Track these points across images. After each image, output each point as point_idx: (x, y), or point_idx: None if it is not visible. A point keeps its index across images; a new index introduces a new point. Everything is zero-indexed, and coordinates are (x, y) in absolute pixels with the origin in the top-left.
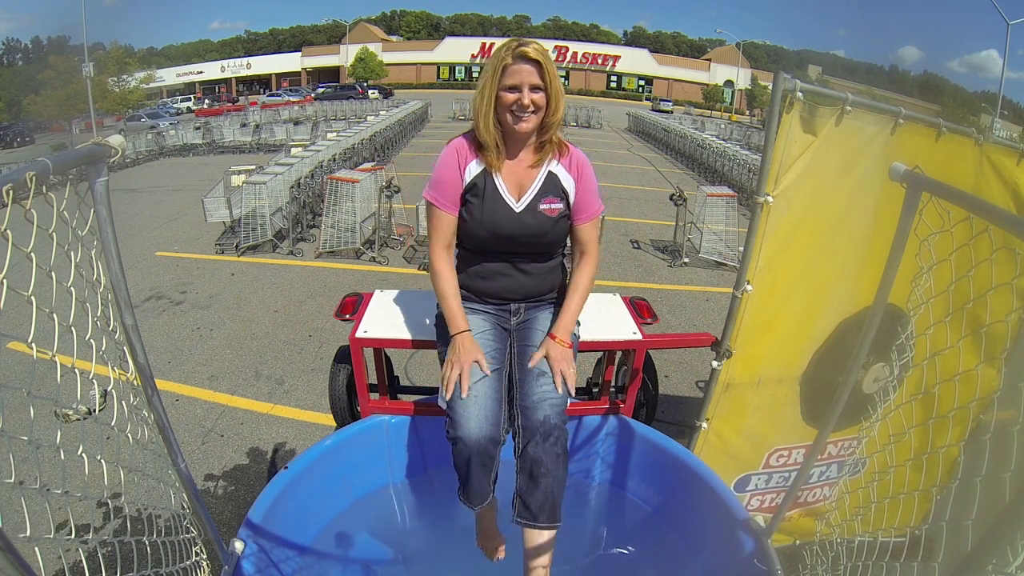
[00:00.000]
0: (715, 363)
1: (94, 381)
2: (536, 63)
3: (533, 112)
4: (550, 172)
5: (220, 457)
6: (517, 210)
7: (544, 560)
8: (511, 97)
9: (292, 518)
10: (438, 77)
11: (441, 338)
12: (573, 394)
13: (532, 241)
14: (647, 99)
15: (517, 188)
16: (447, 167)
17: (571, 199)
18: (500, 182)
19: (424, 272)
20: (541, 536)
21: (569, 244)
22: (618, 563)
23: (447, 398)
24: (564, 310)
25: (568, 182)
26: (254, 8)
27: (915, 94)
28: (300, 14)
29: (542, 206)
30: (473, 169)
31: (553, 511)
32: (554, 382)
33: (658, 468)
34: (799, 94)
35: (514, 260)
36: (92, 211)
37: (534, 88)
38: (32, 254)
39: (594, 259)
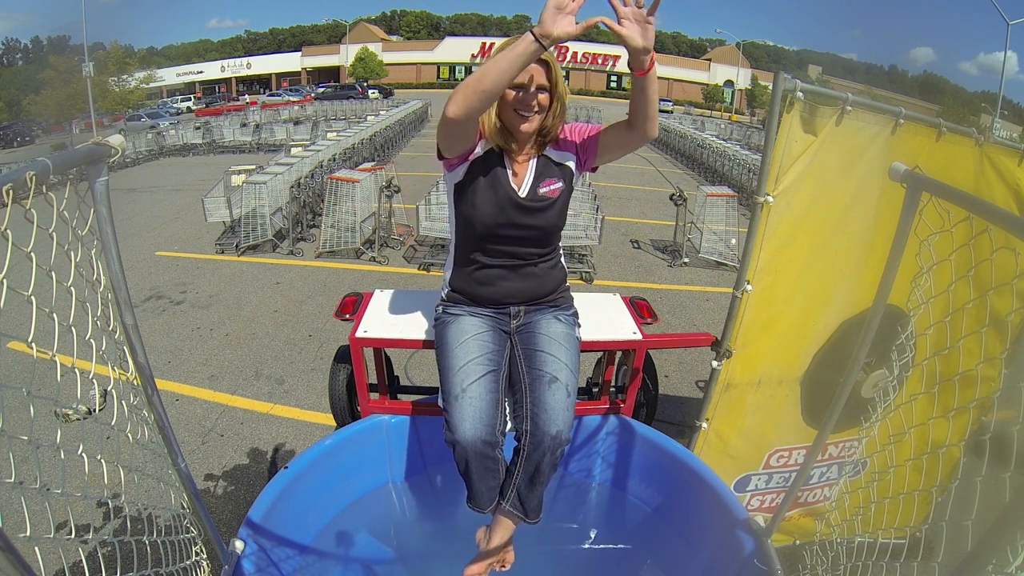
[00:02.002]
0: (715, 363)
1: (94, 381)
2: (545, 63)
3: (537, 112)
4: (540, 156)
5: (220, 457)
6: (522, 195)
7: (510, 539)
8: (514, 95)
9: (292, 518)
10: (438, 77)
11: (440, 338)
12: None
13: (535, 224)
14: None
15: (518, 180)
16: None
17: (575, 163)
18: (508, 163)
19: (424, 272)
20: (520, 524)
21: (629, 118)
22: (618, 563)
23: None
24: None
25: (565, 156)
26: (254, 7)
27: (915, 94)
28: (300, 14)
29: (542, 190)
30: (482, 146)
31: (540, 508)
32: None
33: (658, 468)
34: (799, 94)
35: (513, 259)
36: (92, 211)
37: (540, 88)
38: (32, 254)
39: None
